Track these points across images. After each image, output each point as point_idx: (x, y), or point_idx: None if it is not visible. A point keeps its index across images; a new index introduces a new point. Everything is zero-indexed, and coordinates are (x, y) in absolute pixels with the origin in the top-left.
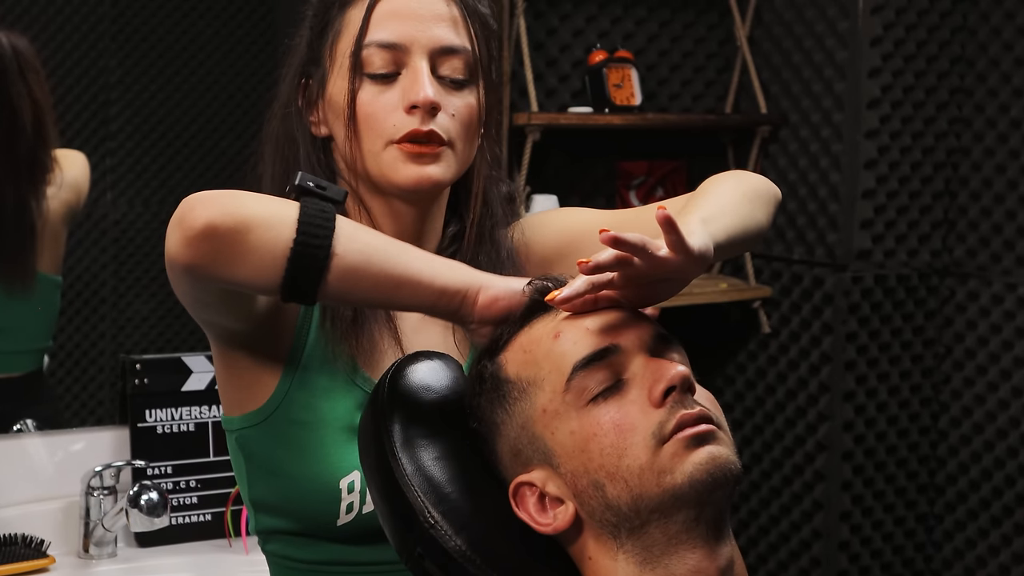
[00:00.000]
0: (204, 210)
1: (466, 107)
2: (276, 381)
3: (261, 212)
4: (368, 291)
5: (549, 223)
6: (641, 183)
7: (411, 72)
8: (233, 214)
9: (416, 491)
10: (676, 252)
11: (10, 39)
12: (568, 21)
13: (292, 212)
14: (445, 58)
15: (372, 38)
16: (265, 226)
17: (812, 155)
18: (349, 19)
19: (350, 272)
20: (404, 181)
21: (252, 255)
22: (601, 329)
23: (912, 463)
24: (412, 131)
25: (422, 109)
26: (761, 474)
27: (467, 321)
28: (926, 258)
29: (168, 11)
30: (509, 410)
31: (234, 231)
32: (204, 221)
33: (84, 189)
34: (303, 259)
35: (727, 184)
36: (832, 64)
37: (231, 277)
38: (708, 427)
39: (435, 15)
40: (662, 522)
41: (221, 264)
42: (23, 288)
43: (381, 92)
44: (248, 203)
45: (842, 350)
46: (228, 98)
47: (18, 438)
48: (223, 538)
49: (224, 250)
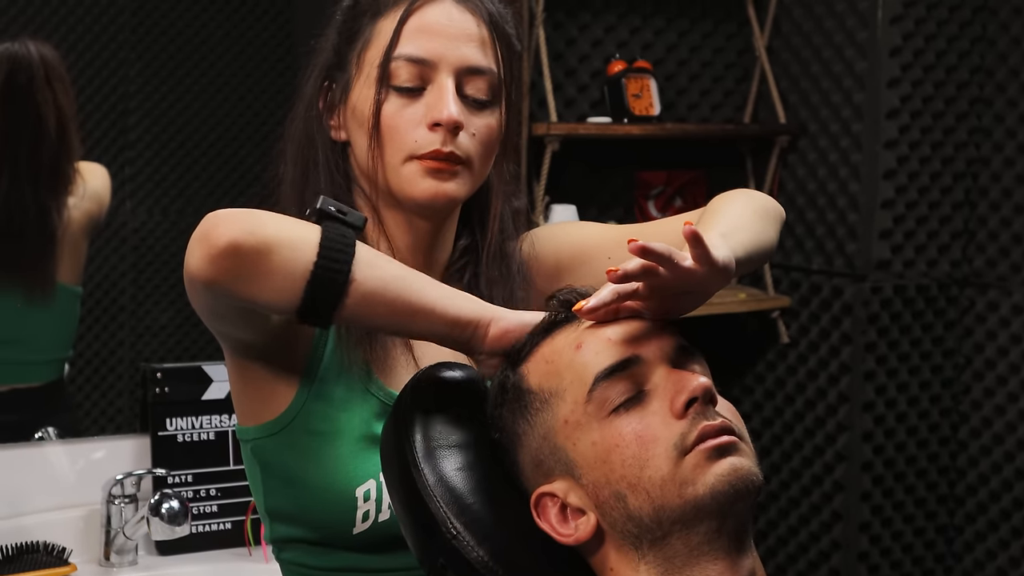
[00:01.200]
0: (228, 228)
1: (487, 128)
2: (293, 392)
3: (284, 234)
4: (383, 317)
5: (558, 236)
6: (660, 193)
7: (437, 89)
8: (256, 234)
9: (439, 501)
10: (701, 264)
11: (38, 48)
12: (587, 31)
13: (314, 236)
14: (471, 78)
15: (401, 51)
16: (288, 247)
17: (831, 165)
18: (380, 29)
19: (367, 298)
20: (420, 196)
21: (273, 276)
22: (623, 340)
23: (932, 474)
24: (434, 151)
25: (445, 127)
26: (780, 484)
27: (477, 352)
28: (946, 268)
29: (188, 21)
30: (531, 421)
31: (256, 251)
32: (228, 240)
33: (105, 201)
34: (322, 282)
35: (739, 201)
36: (851, 74)
37: (250, 296)
38: (730, 439)
39: (465, 34)
40: (684, 533)
41: (242, 283)
42: (43, 298)
43: (405, 105)
44: (271, 224)
45: (861, 360)
46: (247, 107)
47: (40, 447)
48: (243, 547)
49: (246, 269)
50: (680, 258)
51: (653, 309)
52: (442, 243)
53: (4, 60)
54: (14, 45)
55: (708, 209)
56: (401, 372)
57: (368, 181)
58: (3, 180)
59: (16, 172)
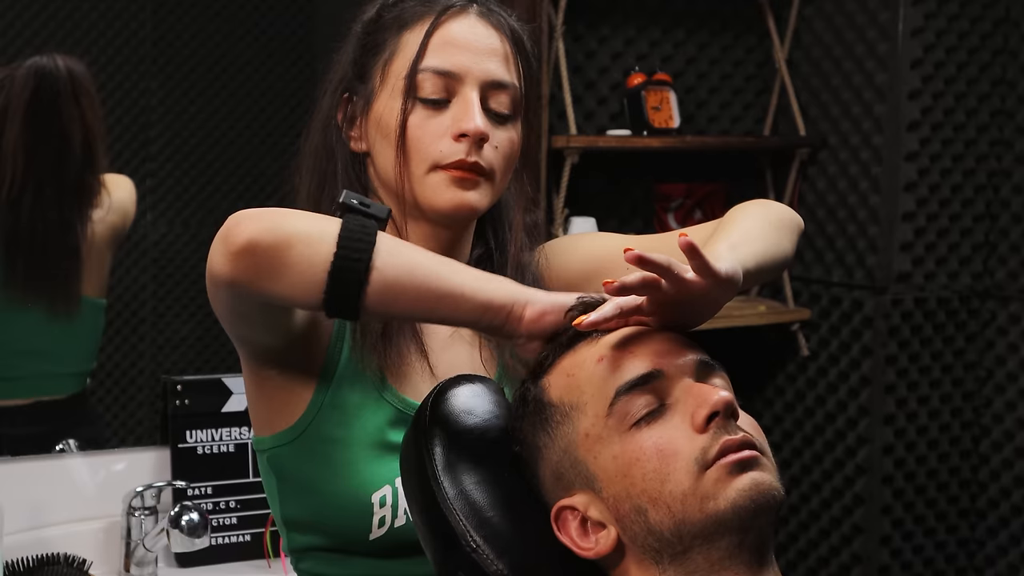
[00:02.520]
0: (247, 226)
1: (508, 141)
2: (308, 399)
3: (303, 228)
4: (411, 304)
5: (573, 248)
6: (679, 205)
7: (462, 101)
8: (275, 230)
9: (458, 514)
10: (702, 275)
11: (66, 62)
12: (606, 44)
13: (334, 228)
14: (494, 92)
15: (428, 64)
16: (306, 241)
17: (851, 177)
18: (405, 42)
19: (391, 286)
20: (444, 205)
21: (293, 269)
22: (644, 354)
23: (953, 487)
24: (459, 160)
25: (471, 139)
26: (800, 497)
27: (514, 336)
28: (967, 281)
29: (208, 34)
30: (552, 434)
31: (275, 247)
32: (247, 237)
33: (130, 213)
34: (343, 273)
35: (753, 212)
36: (872, 86)
37: (274, 292)
38: (751, 453)
39: (490, 49)
40: (705, 548)
41: (264, 279)
42: (68, 311)
43: (430, 117)
44: (291, 219)
45: (882, 373)
46: (267, 120)
47: (61, 458)
48: (262, 559)
49: (266, 265)
50: (680, 269)
51: (661, 323)
52: (459, 253)
53: (32, 75)
54: (42, 59)
55: (724, 220)
56: (416, 379)
57: (388, 191)
58: (28, 195)
59: (41, 187)
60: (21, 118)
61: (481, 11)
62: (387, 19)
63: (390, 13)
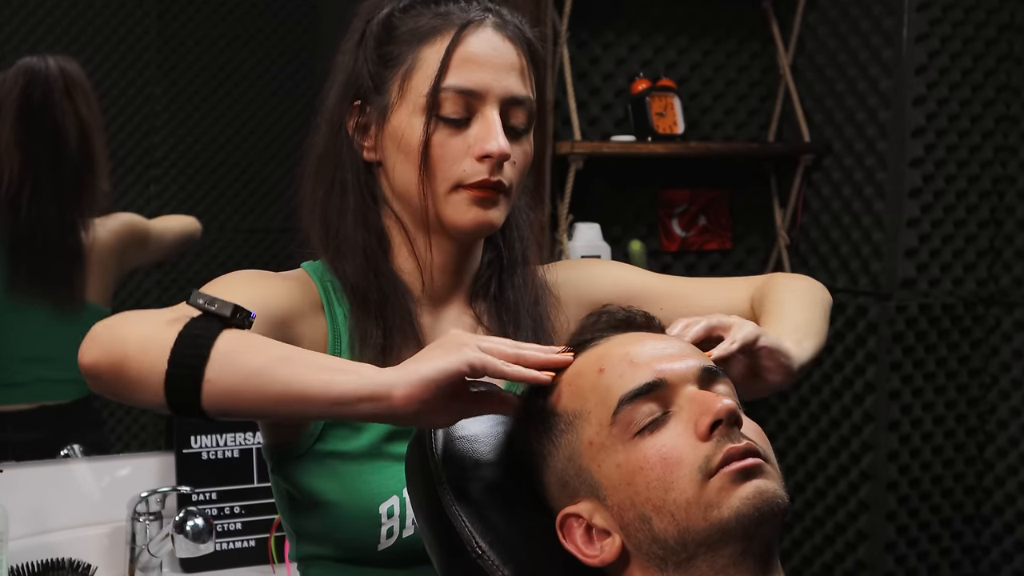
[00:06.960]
0: (88, 350)
1: (524, 155)
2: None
3: (138, 343)
4: (257, 406)
5: (603, 273)
6: (683, 211)
7: (484, 121)
8: (110, 351)
9: (463, 521)
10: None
11: (57, 62)
12: (611, 50)
13: (169, 339)
14: (513, 108)
15: (450, 83)
16: (139, 358)
17: (856, 184)
18: (424, 57)
19: (228, 395)
20: (467, 224)
21: (134, 384)
22: (647, 362)
23: (958, 493)
24: (482, 180)
25: (494, 159)
26: (805, 503)
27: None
28: (971, 287)
29: (213, 39)
30: (556, 442)
31: (112, 368)
32: (87, 361)
33: (136, 221)
34: (178, 382)
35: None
36: (876, 92)
37: (127, 401)
38: (755, 461)
39: (509, 64)
40: (709, 556)
41: (115, 393)
42: (71, 313)
43: (451, 135)
44: (129, 335)
45: (886, 379)
46: (272, 125)
47: (65, 464)
48: (267, 564)
49: (110, 384)
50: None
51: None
52: (471, 260)
53: (21, 73)
54: (31, 59)
55: (771, 296)
56: None
57: (401, 202)
58: (25, 194)
59: (38, 186)
60: (12, 115)
61: (497, 22)
62: (402, 31)
63: (404, 24)
